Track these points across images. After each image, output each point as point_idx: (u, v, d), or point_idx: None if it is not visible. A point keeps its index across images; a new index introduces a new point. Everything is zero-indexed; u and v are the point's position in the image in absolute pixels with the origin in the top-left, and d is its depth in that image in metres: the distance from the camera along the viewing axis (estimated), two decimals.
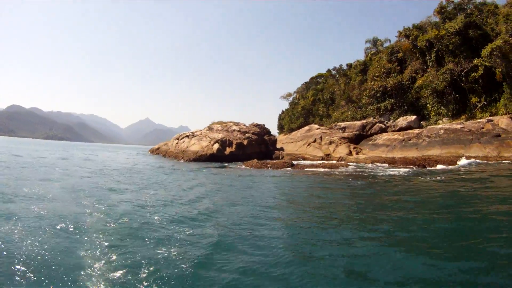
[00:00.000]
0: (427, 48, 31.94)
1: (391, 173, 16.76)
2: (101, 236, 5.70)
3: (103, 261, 4.64)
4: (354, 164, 24.26)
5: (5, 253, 4.80)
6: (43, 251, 4.90)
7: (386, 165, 22.67)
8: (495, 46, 24.42)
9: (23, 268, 4.31)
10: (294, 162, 24.86)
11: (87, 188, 10.77)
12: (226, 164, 24.19)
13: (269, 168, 20.52)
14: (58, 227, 6.16)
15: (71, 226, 6.22)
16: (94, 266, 4.47)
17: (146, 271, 4.33)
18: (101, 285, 3.98)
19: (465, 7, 32.20)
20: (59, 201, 8.55)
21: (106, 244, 5.32)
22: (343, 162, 25.74)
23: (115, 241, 5.52)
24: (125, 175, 15.77)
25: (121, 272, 4.30)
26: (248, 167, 21.07)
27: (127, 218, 6.98)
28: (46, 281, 4.03)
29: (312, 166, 22.12)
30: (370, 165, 22.75)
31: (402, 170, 17.91)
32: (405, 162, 22.93)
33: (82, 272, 4.26)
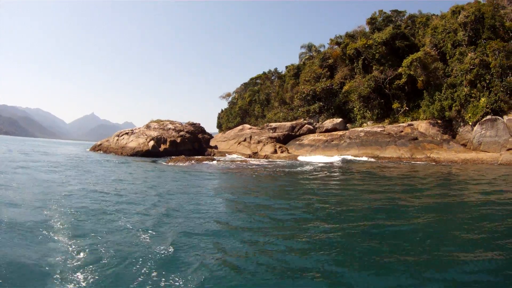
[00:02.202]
0: (355, 56, 33.00)
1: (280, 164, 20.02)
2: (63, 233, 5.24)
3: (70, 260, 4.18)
4: (268, 160, 25.73)
5: None
6: None
7: (298, 161, 23.34)
8: (416, 57, 25.66)
9: None
10: (220, 158, 26.53)
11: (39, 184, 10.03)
12: (156, 159, 24.75)
13: (193, 162, 21.65)
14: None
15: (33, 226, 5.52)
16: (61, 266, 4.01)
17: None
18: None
19: (393, 19, 34.00)
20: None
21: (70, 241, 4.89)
22: (259, 158, 25.87)
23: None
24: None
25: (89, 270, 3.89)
26: (172, 163, 21.24)
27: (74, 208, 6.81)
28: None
29: (231, 160, 23.81)
30: (282, 161, 24.09)
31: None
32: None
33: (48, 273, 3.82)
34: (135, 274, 3.76)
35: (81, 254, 4.34)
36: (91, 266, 3.96)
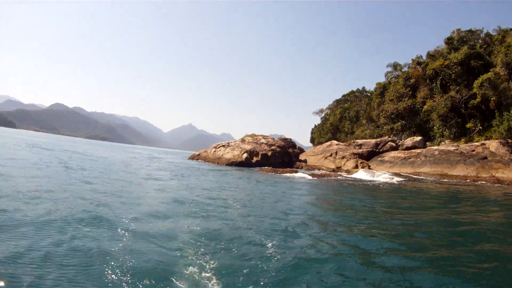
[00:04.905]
0: (434, 76, 34.99)
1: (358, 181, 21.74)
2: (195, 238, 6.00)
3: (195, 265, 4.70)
4: (349, 175, 28.19)
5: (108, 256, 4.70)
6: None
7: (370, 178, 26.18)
8: (485, 78, 27.32)
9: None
10: (303, 171, 29.51)
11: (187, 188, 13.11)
12: (248, 169, 29.75)
13: (278, 173, 25.37)
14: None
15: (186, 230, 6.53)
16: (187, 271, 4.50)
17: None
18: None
19: (467, 39, 34.68)
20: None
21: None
22: (340, 173, 29.78)
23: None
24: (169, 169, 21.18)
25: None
26: (261, 172, 26.54)
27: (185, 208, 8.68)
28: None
29: (312, 174, 26.09)
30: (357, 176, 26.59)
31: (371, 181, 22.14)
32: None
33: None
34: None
35: (212, 257, 4.99)
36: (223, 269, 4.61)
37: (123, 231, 5.96)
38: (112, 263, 4.51)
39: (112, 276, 4.16)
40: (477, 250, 6.03)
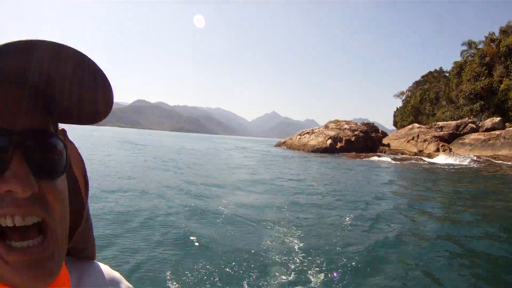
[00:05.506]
0: (508, 53, 34.91)
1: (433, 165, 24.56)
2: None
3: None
4: (430, 159, 29.69)
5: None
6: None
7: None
8: None
9: None
10: (385, 155, 31.72)
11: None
12: (332, 155, 31.69)
13: (362, 158, 27.87)
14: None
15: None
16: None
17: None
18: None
19: None
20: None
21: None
22: (421, 157, 31.30)
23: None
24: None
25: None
26: (345, 157, 28.81)
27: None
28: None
29: (394, 158, 28.27)
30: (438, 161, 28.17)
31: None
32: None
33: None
34: None
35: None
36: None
37: (221, 219, 6.52)
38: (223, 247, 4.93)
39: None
40: None
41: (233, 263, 4.37)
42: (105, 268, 0.60)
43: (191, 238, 5.20)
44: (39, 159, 0.38)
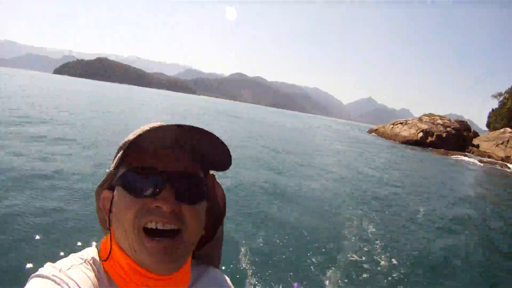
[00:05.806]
0: None
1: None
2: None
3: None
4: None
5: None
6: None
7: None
8: None
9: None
10: (472, 156, 31.40)
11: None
12: (421, 149, 32.10)
13: (449, 155, 28.13)
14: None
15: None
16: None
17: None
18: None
19: None
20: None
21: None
22: (507, 163, 30.02)
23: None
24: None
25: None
26: (433, 152, 29.40)
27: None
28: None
29: (480, 160, 28.23)
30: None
31: None
32: None
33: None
34: None
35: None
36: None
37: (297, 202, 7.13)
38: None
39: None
40: None
41: (314, 242, 5.07)
42: (221, 276, 0.76)
43: (267, 216, 5.95)
44: (182, 190, 0.57)
